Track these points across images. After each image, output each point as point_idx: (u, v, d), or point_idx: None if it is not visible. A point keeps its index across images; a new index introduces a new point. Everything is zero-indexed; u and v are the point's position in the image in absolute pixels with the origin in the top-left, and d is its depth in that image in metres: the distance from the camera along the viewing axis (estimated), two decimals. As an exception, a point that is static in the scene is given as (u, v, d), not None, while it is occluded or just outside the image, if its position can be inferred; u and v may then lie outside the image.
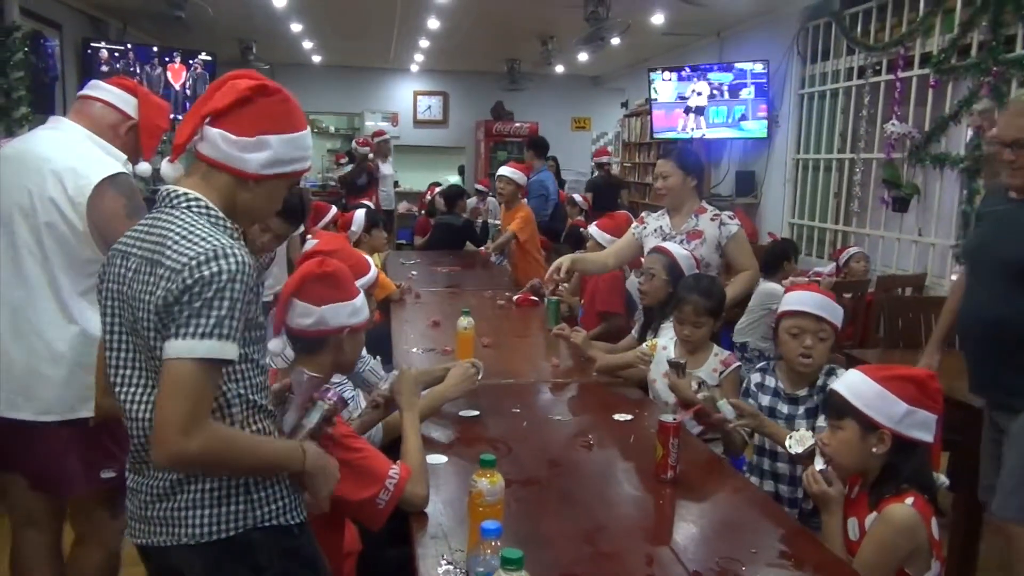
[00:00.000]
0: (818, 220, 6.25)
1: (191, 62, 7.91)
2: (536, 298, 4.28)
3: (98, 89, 2.17)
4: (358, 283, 2.15)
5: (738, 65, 6.76)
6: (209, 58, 8.03)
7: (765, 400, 2.30)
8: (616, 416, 2.40)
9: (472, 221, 6.90)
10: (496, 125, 11.28)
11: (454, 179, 10.22)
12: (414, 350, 3.18)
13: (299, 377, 1.63)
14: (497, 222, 6.57)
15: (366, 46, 9.21)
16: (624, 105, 10.60)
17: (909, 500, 1.65)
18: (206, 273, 1.22)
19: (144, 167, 2.32)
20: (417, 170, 11.43)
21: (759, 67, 6.57)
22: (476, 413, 2.38)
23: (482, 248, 5.82)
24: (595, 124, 11.95)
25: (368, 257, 2.40)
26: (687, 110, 7.32)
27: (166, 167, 1.37)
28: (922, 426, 1.69)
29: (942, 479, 1.78)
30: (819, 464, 1.87)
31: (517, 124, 11.32)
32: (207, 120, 1.34)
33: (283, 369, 1.77)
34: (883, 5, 5.38)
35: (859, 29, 5.62)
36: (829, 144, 6.09)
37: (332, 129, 14.60)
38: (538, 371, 2.96)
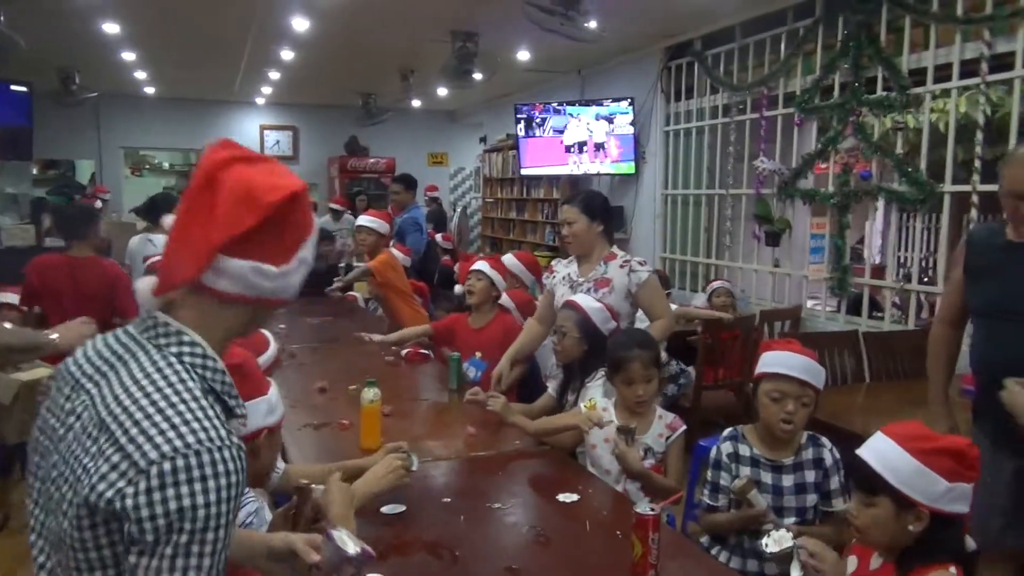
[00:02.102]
0: (689, 254, 6.34)
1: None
2: (426, 352, 3.94)
3: None
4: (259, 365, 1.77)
5: (606, 103, 6.79)
6: (24, 89, 7.07)
7: (745, 471, 2.11)
8: (560, 497, 2.12)
9: (335, 265, 6.44)
10: (351, 160, 10.82)
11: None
12: (302, 427, 2.75)
13: (334, 545, 1.36)
14: (361, 264, 6.15)
15: (208, 77, 8.51)
16: (483, 140, 10.50)
17: (952, 570, 1.52)
18: (183, 491, 0.89)
19: None
20: (266, 209, 10.73)
21: (625, 104, 6.63)
22: (402, 508, 2.02)
23: (335, 286, 5.31)
24: (452, 159, 11.77)
25: (266, 332, 1.98)
26: (567, 148, 7.27)
27: (147, 293, 1.05)
28: (961, 499, 1.54)
29: (970, 543, 1.65)
30: (795, 572, 1.69)
31: (372, 160, 10.92)
32: (221, 250, 1.00)
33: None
34: (744, 47, 5.56)
35: (722, 69, 5.78)
36: (697, 180, 6.22)
37: (166, 166, 13.54)
38: (453, 443, 2.63)
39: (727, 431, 2.24)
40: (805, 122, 4.99)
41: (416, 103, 9.84)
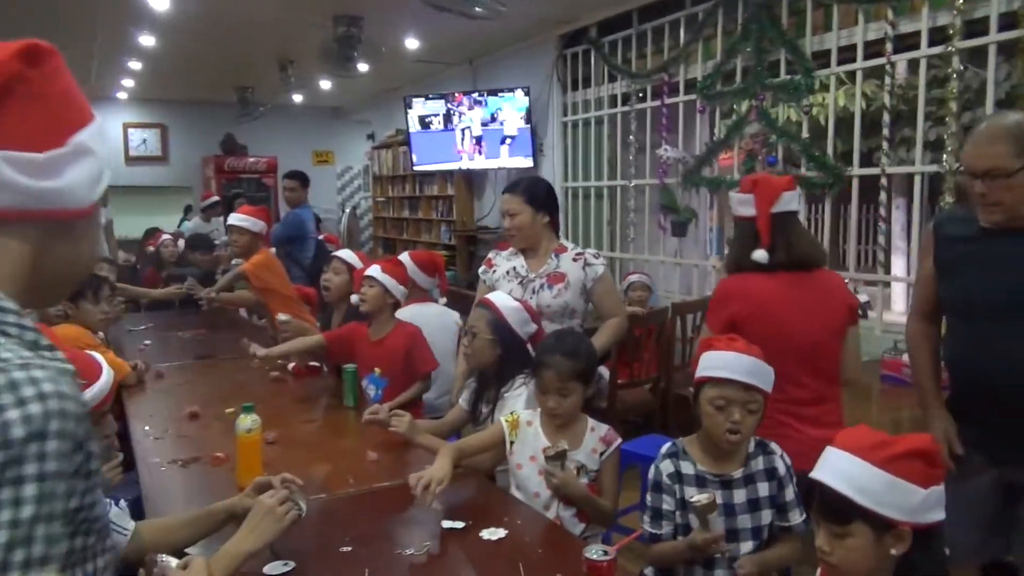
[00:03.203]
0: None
1: None
2: (317, 364, 3.50)
3: None
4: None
5: (501, 93, 6.49)
6: None
7: (691, 492, 1.82)
8: (484, 534, 1.78)
9: (211, 272, 5.84)
10: (228, 160, 10.08)
11: (186, 223, 8.80)
12: (166, 465, 2.29)
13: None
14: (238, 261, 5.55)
15: (58, 69, 7.62)
16: (371, 137, 10.01)
17: None
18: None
19: None
20: (134, 214, 9.82)
21: (521, 94, 6.35)
22: (290, 566, 1.62)
23: (205, 292, 4.68)
24: (339, 158, 11.19)
25: (95, 354, 1.53)
26: (458, 138, 6.92)
27: None
28: (937, 504, 1.33)
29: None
30: None
31: (252, 159, 10.22)
32: None
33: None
34: (642, 33, 5.38)
35: (619, 57, 5.59)
36: (598, 171, 6.01)
37: (17, 169, 12.30)
38: (351, 473, 2.23)
39: (666, 447, 1.95)
40: (708, 109, 4.85)
41: (298, 98, 9.24)
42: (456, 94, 6.85)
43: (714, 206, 5.10)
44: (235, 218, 4.38)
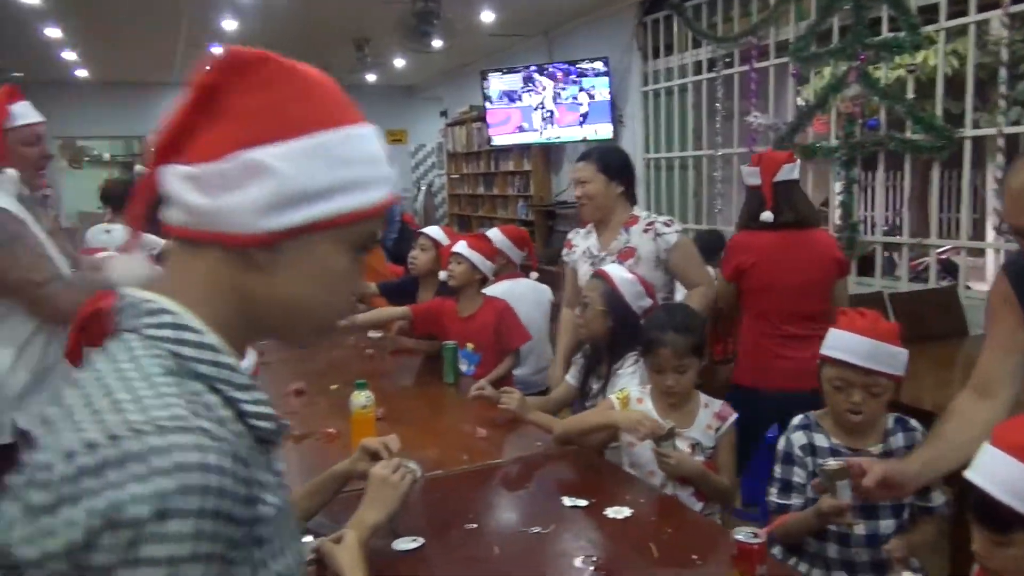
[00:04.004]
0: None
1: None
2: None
3: None
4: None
5: (578, 64, 6.38)
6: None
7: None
8: (609, 512, 1.74)
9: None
10: (305, 142, 10.24)
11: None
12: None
13: None
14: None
15: (144, 56, 7.86)
16: (443, 114, 10.01)
17: None
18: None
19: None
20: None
21: (599, 65, 6.23)
22: (419, 543, 1.62)
23: None
24: (412, 136, 11.24)
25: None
26: (535, 111, 6.86)
27: (124, 261, 0.81)
28: None
29: None
30: None
31: (328, 140, 10.36)
32: (163, 159, 0.70)
33: None
34: (727, -6, 5.19)
35: (704, 21, 5.40)
36: (682, 142, 5.85)
37: (107, 156, 12.82)
38: (463, 449, 2.22)
39: (798, 418, 1.88)
40: (801, 73, 4.64)
41: (372, 78, 9.29)
42: (545, 67, 6.75)
43: (808, 174, 4.89)
44: None
